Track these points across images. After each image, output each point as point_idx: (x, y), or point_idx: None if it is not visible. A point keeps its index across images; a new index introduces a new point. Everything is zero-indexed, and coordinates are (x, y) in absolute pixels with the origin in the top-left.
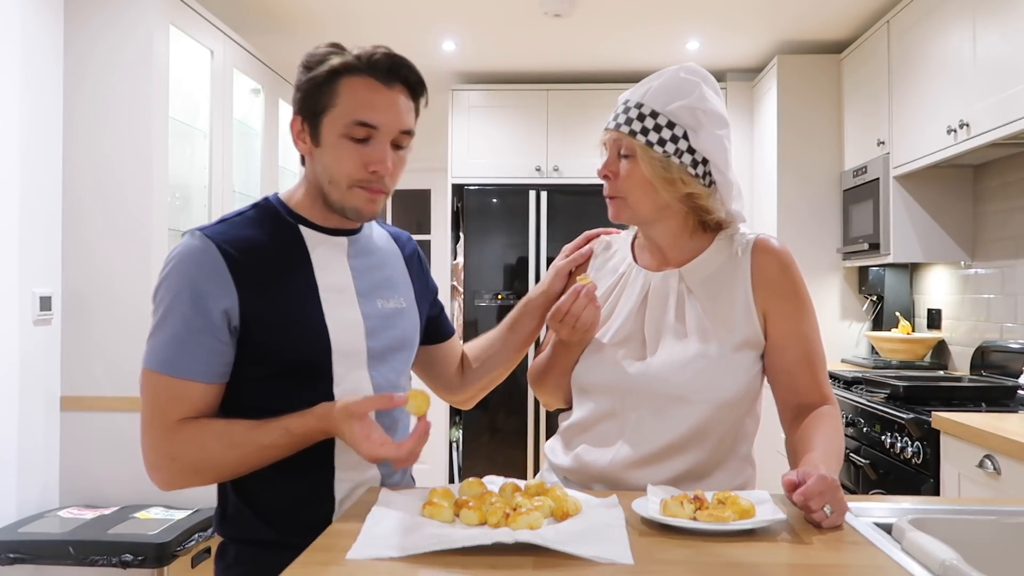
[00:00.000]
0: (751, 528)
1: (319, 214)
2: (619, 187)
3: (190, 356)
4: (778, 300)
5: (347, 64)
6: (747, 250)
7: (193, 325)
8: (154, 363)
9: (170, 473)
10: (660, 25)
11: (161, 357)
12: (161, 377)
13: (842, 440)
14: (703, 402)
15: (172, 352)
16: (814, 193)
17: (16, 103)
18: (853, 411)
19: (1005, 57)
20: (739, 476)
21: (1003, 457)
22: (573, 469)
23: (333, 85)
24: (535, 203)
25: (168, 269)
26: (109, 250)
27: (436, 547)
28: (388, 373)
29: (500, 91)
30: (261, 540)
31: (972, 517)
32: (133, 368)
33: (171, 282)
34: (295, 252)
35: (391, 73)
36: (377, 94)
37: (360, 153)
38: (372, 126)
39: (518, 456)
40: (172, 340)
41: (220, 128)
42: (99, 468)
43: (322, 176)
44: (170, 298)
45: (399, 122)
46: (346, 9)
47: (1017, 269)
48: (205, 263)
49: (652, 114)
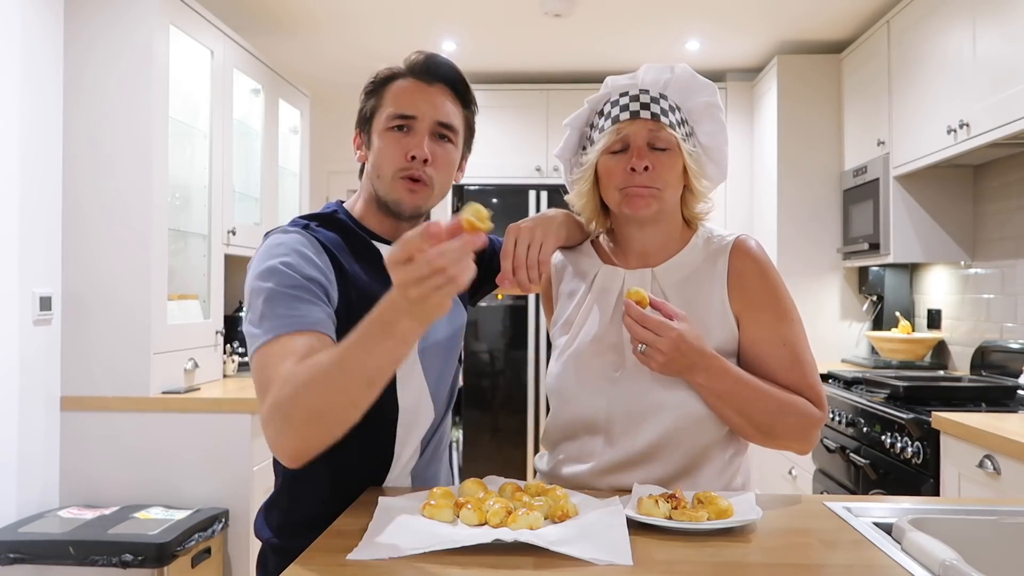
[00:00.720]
0: (725, 528)
1: (386, 227)
2: (659, 179)
3: (298, 310)
4: (755, 308)
5: (393, 72)
6: (725, 252)
7: (302, 287)
8: (262, 336)
9: (275, 427)
10: (660, 25)
11: (271, 324)
12: (270, 345)
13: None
14: (680, 407)
15: (280, 318)
16: (814, 193)
17: (16, 103)
18: (853, 411)
19: (1005, 57)
20: (729, 477)
21: (1003, 457)
22: (557, 476)
23: (381, 92)
24: (535, 203)
25: (271, 256)
26: (109, 250)
27: (436, 547)
28: (442, 363)
29: (500, 91)
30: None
31: (972, 517)
32: (133, 368)
33: (273, 267)
34: (374, 264)
35: (429, 72)
36: (416, 89)
37: (400, 143)
38: (409, 116)
39: (518, 456)
40: (280, 309)
41: (220, 128)
42: (99, 468)
43: (372, 174)
44: (277, 279)
45: (435, 112)
46: (346, 9)
47: (1017, 269)
48: (311, 248)
49: (676, 107)
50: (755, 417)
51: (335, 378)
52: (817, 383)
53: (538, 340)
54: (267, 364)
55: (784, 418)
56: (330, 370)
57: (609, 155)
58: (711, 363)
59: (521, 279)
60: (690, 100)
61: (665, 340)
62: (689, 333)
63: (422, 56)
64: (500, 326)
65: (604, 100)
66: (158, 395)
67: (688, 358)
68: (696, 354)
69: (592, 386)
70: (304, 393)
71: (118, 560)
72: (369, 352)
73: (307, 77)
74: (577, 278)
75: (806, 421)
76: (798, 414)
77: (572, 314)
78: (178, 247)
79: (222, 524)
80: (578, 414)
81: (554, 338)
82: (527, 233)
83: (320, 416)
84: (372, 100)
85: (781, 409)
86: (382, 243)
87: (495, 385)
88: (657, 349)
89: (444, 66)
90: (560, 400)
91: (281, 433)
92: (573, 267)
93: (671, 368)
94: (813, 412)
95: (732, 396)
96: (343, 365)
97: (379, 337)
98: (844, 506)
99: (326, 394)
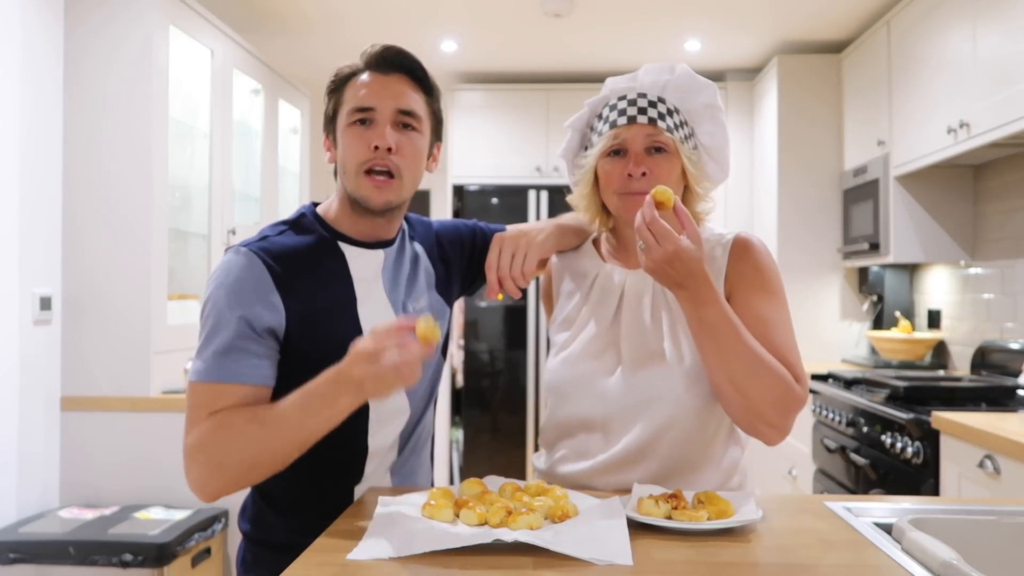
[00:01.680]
0: (725, 528)
1: (357, 227)
2: (656, 183)
3: (237, 361)
4: (741, 289)
5: (351, 68)
6: (725, 250)
7: (241, 335)
8: (201, 375)
9: (203, 469)
10: (660, 25)
11: (207, 367)
12: (207, 386)
13: (762, 361)
14: (675, 402)
15: (219, 362)
16: (814, 193)
17: (16, 103)
18: (853, 411)
19: (1005, 57)
20: (726, 476)
21: (1003, 457)
22: (555, 474)
23: (342, 90)
24: (535, 203)
25: (213, 286)
26: (109, 250)
27: (436, 547)
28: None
29: (500, 91)
30: (282, 544)
31: (972, 517)
32: (133, 368)
33: (217, 298)
34: (335, 266)
35: (386, 62)
36: (373, 81)
37: (363, 136)
38: (368, 108)
39: (518, 456)
40: (219, 351)
41: (220, 128)
42: (99, 468)
43: (340, 171)
44: (216, 314)
45: (395, 101)
46: (347, 9)
47: (1017, 269)
48: (251, 278)
49: (676, 110)
50: (733, 364)
51: (272, 435)
52: (797, 362)
53: (538, 340)
54: (200, 401)
55: (761, 376)
56: (269, 428)
57: (607, 159)
58: (701, 288)
59: (508, 288)
60: (689, 101)
61: (661, 250)
62: (689, 253)
63: (377, 48)
64: (500, 326)
65: (603, 103)
66: (158, 395)
67: (679, 275)
68: (688, 275)
69: (589, 383)
70: (240, 445)
71: (118, 560)
72: (310, 415)
73: (307, 77)
74: (578, 277)
75: (783, 387)
76: (776, 376)
77: (572, 312)
78: (178, 247)
79: (222, 524)
80: (575, 411)
81: (553, 336)
82: (511, 243)
83: (251, 468)
84: (334, 99)
85: (760, 363)
86: (349, 244)
87: (495, 385)
88: (650, 256)
89: (400, 55)
90: (557, 397)
91: (207, 474)
92: (574, 267)
93: (660, 276)
94: (792, 382)
95: (715, 331)
96: (282, 424)
97: (319, 407)
98: (844, 506)
99: (262, 449)
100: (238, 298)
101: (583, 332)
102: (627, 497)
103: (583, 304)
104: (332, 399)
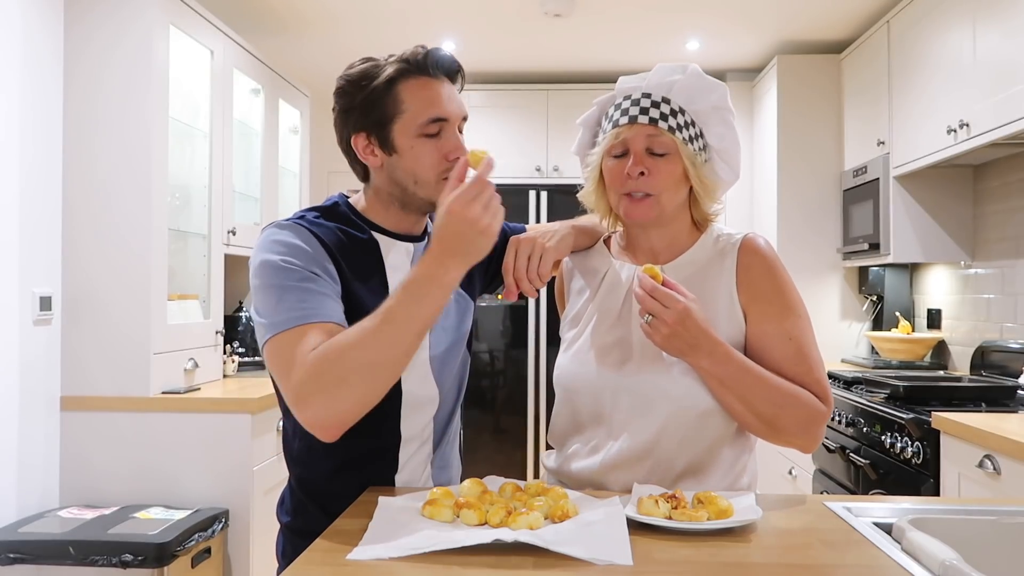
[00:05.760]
0: (725, 528)
1: (392, 220)
2: (655, 184)
3: (321, 303)
4: (761, 302)
5: (400, 70)
6: (733, 249)
7: (315, 280)
8: (288, 323)
9: (323, 396)
10: (660, 25)
11: (290, 315)
12: (296, 330)
13: (785, 397)
14: (684, 399)
15: (301, 308)
16: (814, 193)
17: (16, 103)
18: (853, 411)
19: (1005, 57)
20: (735, 476)
21: (1003, 457)
22: (566, 473)
23: (393, 93)
24: (535, 203)
25: (270, 252)
26: (109, 250)
27: (436, 547)
28: (448, 357)
29: (500, 91)
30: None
31: (972, 517)
32: (133, 368)
33: (281, 257)
34: (370, 253)
35: (436, 66)
36: (435, 90)
37: (437, 147)
38: (444, 119)
39: (518, 456)
40: (299, 298)
41: (220, 128)
42: (99, 468)
43: (405, 179)
44: (282, 271)
45: (462, 109)
46: (346, 9)
47: (1017, 269)
48: (307, 244)
49: (681, 111)
50: (758, 407)
51: (386, 332)
52: (823, 378)
53: (538, 340)
54: (285, 348)
55: (788, 409)
56: (380, 327)
57: (611, 158)
58: (715, 346)
59: (525, 290)
60: (698, 102)
61: (671, 312)
62: (696, 311)
63: (421, 51)
64: (500, 326)
65: (611, 102)
66: (158, 395)
67: (692, 335)
68: (700, 333)
69: (598, 379)
70: (355, 351)
71: (118, 560)
72: (419, 302)
73: (307, 77)
74: (588, 275)
75: (810, 414)
76: (802, 406)
77: (582, 309)
78: (178, 247)
79: (222, 524)
80: (583, 406)
81: (563, 333)
82: (527, 246)
83: (373, 376)
84: (386, 102)
85: (785, 400)
86: (382, 234)
87: (495, 385)
88: (662, 321)
89: (444, 57)
90: (566, 393)
91: (330, 400)
92: (585, 265)
93: (674, 344)
94: (818, 406)
95: (735, 383)
96: (393, 319)
97: (428, 288)
98: (844, 506)
99: (380, 347)
100: (303, 255)
101: (591, 326)
102: (627, 497)
103: (592, 300)
104: (437, 277)
